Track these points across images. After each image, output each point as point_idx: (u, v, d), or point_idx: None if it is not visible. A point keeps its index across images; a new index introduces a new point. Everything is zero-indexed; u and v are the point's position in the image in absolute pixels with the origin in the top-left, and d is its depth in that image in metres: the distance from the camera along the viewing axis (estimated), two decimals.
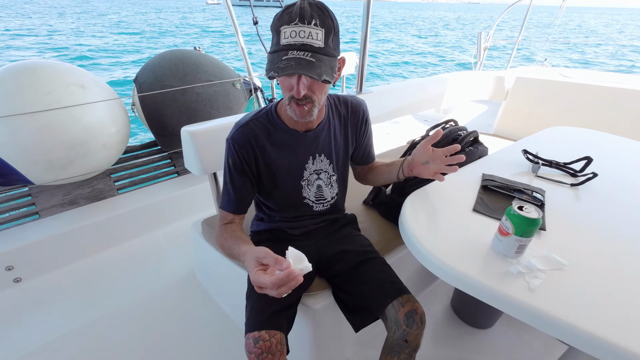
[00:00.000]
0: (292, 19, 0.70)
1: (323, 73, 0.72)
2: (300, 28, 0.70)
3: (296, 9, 0.70)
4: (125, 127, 1.73)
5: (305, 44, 0.70)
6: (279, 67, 0.71)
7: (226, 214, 0.94)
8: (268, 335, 0.79)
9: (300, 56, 0.70)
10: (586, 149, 1.07)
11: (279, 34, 0.72)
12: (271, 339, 0.79)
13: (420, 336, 0.86)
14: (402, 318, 0.84)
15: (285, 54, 0.71)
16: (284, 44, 0.71)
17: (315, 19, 0.70)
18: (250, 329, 0.81)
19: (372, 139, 1.08)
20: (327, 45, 0.73)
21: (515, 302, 0.60)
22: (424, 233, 0.75)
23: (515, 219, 0.65)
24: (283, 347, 0.81)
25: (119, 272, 1.61)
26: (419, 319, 0.85)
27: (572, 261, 0.67)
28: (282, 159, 0.92)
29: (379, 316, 0.90)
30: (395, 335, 0.85)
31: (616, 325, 0.54)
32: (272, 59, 0.74)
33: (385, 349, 0.92)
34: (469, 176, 1.01)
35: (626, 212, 0.86)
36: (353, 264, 0.97)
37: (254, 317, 0.83)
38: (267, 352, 0.78)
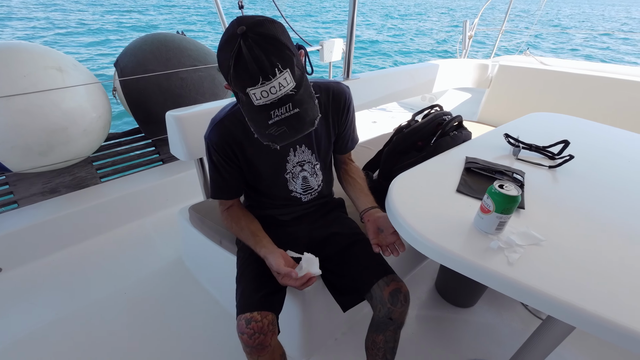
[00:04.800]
0: (255, 80, 0.64)
1: (311, 114, 0.70)
2: (268, 86, 0.64)
3: (251, 66, 0.63)
4: (106, 113, 1.68)
5: (282, 97, 0.66)
6: (273, 135, 0.68)
7: (224, 201, 0.97)
8: (260, 316, 0.80)
9: (285, 115, 0.67)
10: (564, 134, 1.11)
11: (247, 95, 0.66)
12: (263, 319, 0.80)
13: (404, 314, 0.89)
14: (387, 297, 0.86)
15: (269, 117, 0.67)
16: (260, 104, 0.66)
17: (275, 64, 0.63)
18: (242, 310, 0.82)
19: (354, 126, 1.06)
20: (296, 77, 0.67)
21: (495, 275, 0.63)
22: (410, 213, 0.78)
23: (496, 196, 0.67)
24: (274, 328, 0.83)
25: (104, 260, 1.59)
26: (403, 297, 0.87)
27: (549, 237, 0.71)
28: (262, 153, 0.91)
29: (365, 297, 0.92)
30: (381, 314, 0.88)
31: (586, 294, 0.58)
32: (256, 121, 0.69)
33: (372, 327, 0.95)
34: (453, 159, 1.04)
35: (600, 192, 0.90)
36: (342, 246, 0.99)
37: (246, 299, 0.84)
38: (260, 332, 0.79)
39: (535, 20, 4.00)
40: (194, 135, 1.20)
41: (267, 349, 0.82)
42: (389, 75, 1.95)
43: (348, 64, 1.74)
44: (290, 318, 1.04)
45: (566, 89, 2.05)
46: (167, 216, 1.85)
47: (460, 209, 0.80)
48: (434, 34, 17.99)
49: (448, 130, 1.17)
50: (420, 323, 1.34)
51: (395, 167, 1.16)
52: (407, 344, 1.25)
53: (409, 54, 12.53)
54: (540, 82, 2.13)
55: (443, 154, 1.09)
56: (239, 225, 0.94)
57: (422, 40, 15.83)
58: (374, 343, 0.95)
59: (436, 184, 0.91)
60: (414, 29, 18.94)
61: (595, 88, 1.96)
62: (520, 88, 2.21)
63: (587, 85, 1.99)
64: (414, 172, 0.97)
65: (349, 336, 1.27)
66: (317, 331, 1.19)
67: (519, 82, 2.21)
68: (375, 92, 1.90)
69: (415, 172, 0.97)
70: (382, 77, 1.90)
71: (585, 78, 1.99)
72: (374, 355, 0.97)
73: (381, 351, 0.94)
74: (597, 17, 35.36)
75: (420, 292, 1.48)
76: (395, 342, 0.95)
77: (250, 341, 0.79)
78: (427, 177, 0.95)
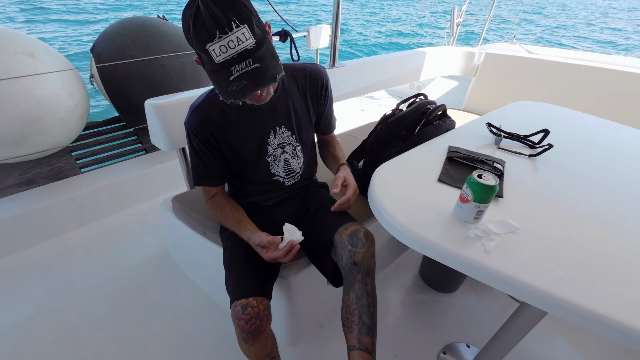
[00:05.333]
0: (212, 34, 0.66)
1: (273, 70, 0.71)
2: (226, 40, 0.66)
3: (208, 20, 0.65)
4: (84, 100, 1.62)
5: (241, 52, 0.67)
6: (234, 91, 0.70)
7: (208, 188, 0.98)
8: (256, 302, 0.81)
9: (245, 69, 0.68)
10: (546, 123, 1.12)
11: (208, 53, 0.68)
12: (259, 305, 0.81)
13: (369, 256, 0.86)
14: (346, 239, 0.86)
15: (230, 73, 0.68)
16: (221, 61, 0.68)
17: (231, 19, 0.65)
18: (237, 296, 0.82)
19: (332, 107, 1.08)
20: (256, 34, 0.69)
21: (472, 263, 0.64)
22: (391, 203, 0.78)
23: (475, 186, 0.68)
24: (269, 313, 0.84)
25: (86, 253, 1.56)
26: (363, 235, 0.87)
27: (525, 225, 0.73)
28: (242, 137, 0.92)
29: (331, 254, 0.93)
30: (344, 262, 0.86)
31: (559, 281, 0.60)
32: (218, 80, 0.71)
33: (344, 290, 0.89)
34: (436, 148, 1.05)
35: (577, 182, 0.92)
36: (312, 213, 1.02)
37: (240, 285, 0.85)
38: (256, 317, 0.80)
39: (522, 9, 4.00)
40: (175, 124, 1.17)
41: (263, 334, 0.83)
42: (376, 62, 1.93)
43: (334, 50, 1.72)
44: (277, 306, 1.04)
45: (552, 78, 2.08)
46: (151, 207, 1.82)
47: (441, 199, 0.81)
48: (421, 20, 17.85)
49: (432, 120, 1.17)
50: (404, 308, 1.37)
51: (379, 156, 1.16)
52: (392, 328, 1.29)
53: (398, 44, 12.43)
54: (526, 71, 2.15)
55: (426, 143, 1.09)
56: (224, 213, 0.94)
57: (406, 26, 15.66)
58: (347, 309, 0.84)
59: (418, 173, 0.92)
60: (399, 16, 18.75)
61: (582, 77, 1.99)
62: (506, 76, 2.22)
63: (573, 74, 2.01)
64: (397, 161, 0.98)
65: (334, 323, 1.29)
66: (303, 319, 1.21)
67: (505, 70, 2.22)
68: (362, 80, 1.88)
69: (398, 161, 0.98)
70: (368, 64, 1.88)
71: (571, 67, 2.02)
72: (349, 325, 0.83)
73: (355, 314, 0.82)
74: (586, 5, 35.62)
75: (405, 279, 1.51)
76: (369, 298, 0.83)
77: (247, 327, 0.79)
78: (409, 166, 0.96)
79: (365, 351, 0.79)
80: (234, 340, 0.87)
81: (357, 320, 0.81)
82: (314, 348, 1.20)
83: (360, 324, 0.81)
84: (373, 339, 0.81)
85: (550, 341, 1.26)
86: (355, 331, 0.81)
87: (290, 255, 0.83)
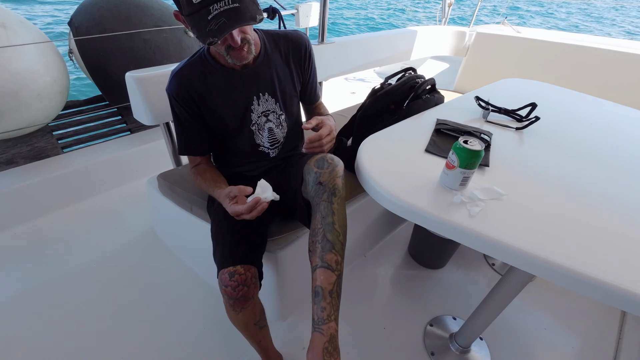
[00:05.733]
0: None
1: (252, 11, 0.70)
2: None
3: None
4: (62, 77, 1.55)
5: None
6: (213, 30, 0.68)
7: (193, 157, 0.97)
8: (243, 269, 0.80)
9: (224, 7, 0.67)
10: (533, 98, 1.13)
11: None
12: (246, 272, 0.80)
13: (334, 175, 0.80)
14: (313, 164, 0.83)
15: (208, 12, 0.67)
16: (199, 0, 0.67)
17: None
18: (224, 265, 0.81)
19: (316, 75, 1.06)
20: None
21: (457, 227, 0.64)
22: (378, 173, 0.78)
23: (460, 151, 0.68)
24: (257, 282, 0.83)
25: (71, 234, 1.53)
26: (329, 159, 0.83)
27: (510, 192, 0.73)
28: (225, 103, 0.90)
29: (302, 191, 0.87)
30: (310, 186, 0.81)
31: (541, 243, 0.60)
32: (195, 22, 0.69)
33: (312, 216, 0.81)
34: (424, 121, 1.04)
35: (561, 154, 0.93)
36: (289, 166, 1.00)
37: (227, 254, 0.83)
38: (243, 284, 0.79)
39: None
40: (158, 97, 1.13)
41: (250, 301, 0.82)
42: (366, 40, 1.89)
43: (322, 27, 1.68)
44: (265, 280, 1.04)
45: (542, 58, 2.08)
46: (136, 187, 1.78)
47: (428, 168, 0.81)
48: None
49: (420, 94, 1.16)
50: (393, 284, 1.39)
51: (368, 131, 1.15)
52: (381, 303, 1.31)
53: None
54: (517, 51, 2.14)
55: (415, 116, 1.08)
56: (204, 177, 0.93)
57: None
58: (312, 233, 0.77)
59: (406, 145, 0.91)
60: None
61: (571, 57, 2.00)
62: (496, 56, 2.22)
63: (563, 54, 2.02)
64: (384, 133, 0.97)
65: None
66: (292, 294, 1.21)
67: (495, 50, 2.21)
68: (351, 58, 1.85)
69: (385, 133, 0.97)
70: (358, 42, 1.84)
71: (561, 47, 2.02)
72: (313, 247, 0.75)
73: (319, 233, 0.74)
74: None
75: (394, 256, 1.52)
76: (334, 216, 0.75)
77: (234, 293, 0.78)
78: (397, 138, 0.95)
79: (328, 268, 0.69)
80: (224, 317, 0.87)
81: (321, 239, 0.73)
82: (303, 322, 1.21)
83: (324, 242, 0.72)
84: (337, 257, 0.71)
85: (533, 312, 1.29)
86: (319, 249, 0.72)
87: (255, 212, 0.76)
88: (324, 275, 0.70)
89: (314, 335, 0.66)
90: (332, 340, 0.65)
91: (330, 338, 0.65)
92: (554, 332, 1.23)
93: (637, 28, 13.97)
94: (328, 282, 0.69)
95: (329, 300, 0.67)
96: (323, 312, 0.66)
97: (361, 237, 1.42)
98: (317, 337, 0.65)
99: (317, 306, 0.67)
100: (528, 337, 1.21)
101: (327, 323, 0.65)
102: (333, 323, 0.66)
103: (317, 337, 0.65)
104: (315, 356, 0.63)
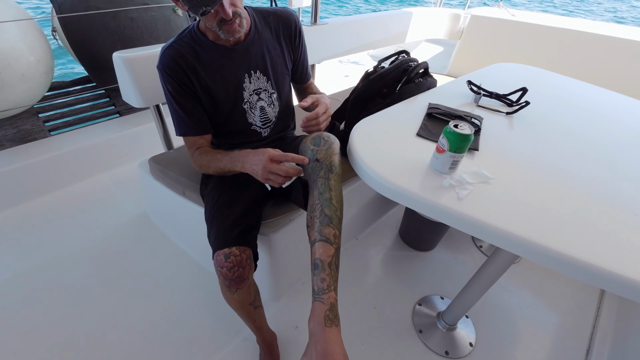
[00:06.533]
0: None
1: None
2: None
3: None
4: (47, 56, 1.50)
5: None
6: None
7: (193, 139, 0.93)
8: (238, 250, 0.81)
9: None
10: (524, 83, 1.13)
11: None
12: (241, 254, 0.81)
13: (331, 153, 0.81)
14: (309, 142, 0.84)
15: None
16: None
17: None
18: (219, 246, 0.82)
19: (307, 54, 1.05)
20: None
21: (445, 210, 0.66)
22: (370, 156, 0.78)
23: (450, 135, 0.69)
24: (252, 263, 0.85)
25: (61, 217, 1.52)
26: (326, 136, 0.84)
27: (498, 176, 0.75)
28: (217, 80, 0.89)
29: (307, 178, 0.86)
30: (307, 162, 0.81)
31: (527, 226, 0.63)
32: None
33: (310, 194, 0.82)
34: (416, 106, 1.04)
35: (549, 138, 0.95)
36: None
37: (222, 236, 0.84)
38: (239, 265, 0.80)
39: None
40: (148, 78, 1.11)
41: (245, 282, 0.83)
42: (360, 21, 1.86)
43: (315, 7, 1.64)
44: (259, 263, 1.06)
45: (537, 42, 2.07)
46: (127, 171, 1.77)
47: (419, 152, 0.82)
48: None
49: (413, 77, 1.16)
50: (384, 266, 1.43)
51: (360, 115, 1.15)
52: (371, 284, 1.34)
53: None
54: (511, 34, 2.13)
55: (407, 100, 1.09)
56: (213, 155, 0.89)
57: None
58: (310, 209, 0.78)
59: (398, 129, 0.92)
60: None
61: (566, 41, 2.00)
62: (491, 40, 2.20)
63: (557, 39, 2.01)
64: (376, 117, 0.97)
65: None
66: (285, 275, 1.24)
67: (490, 33, 2.20)
68: (345, 40, 1.82)
69: (377, 117, 0.97)
70: (352, 23, 1.81)
71: (556, 31, 2.01)
72: (312, 222, 0.76)
73: (317, 209, 0.75)
74: None
75: (385, 239, 1.56)
76: (332, 192, 0.76)
77: (229, 274, 0.80)
78: (389, 122, 0.96)
79: (326, 241, 0.71)
80: (218, 299, 0.88)
81: (319, 214, 0.74)
82: (296, 303, 1.24)
83: (322, 217, 0.73)
84: (335, 230, 0.73)
85: (517, 291, 1.35)
86: (317, 224, 0.73)
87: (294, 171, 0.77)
88: (323, 248, 0.71)
89: (315, 304, 0.67)
90: (333, 309, 0.66)
91: (330, 306, 0.66)
92: (536, 310, 1.29)
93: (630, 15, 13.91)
94: (327, 254, 0.70)
95: (328, 272, 0.69)
96: (323, 282, 0.67)
97: (353, 220, 1.44)
98: (318, 306, 0.66)
99: (316, 277, 0.68)
100: (511, 314, 1.27)
101: (327, 293, 0.67)
102: (333, 292, 0.68)
103: (318, 306, 0.66)
104: (317, 324, 0.64)
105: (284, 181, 0.78)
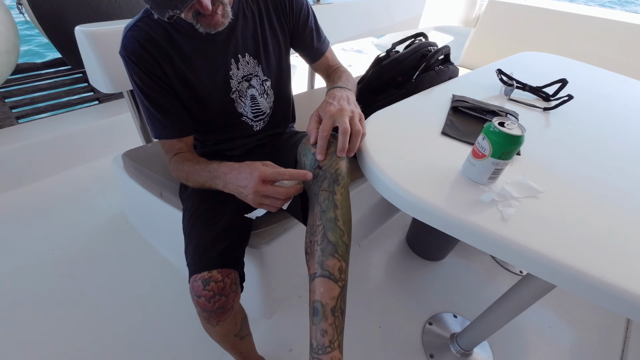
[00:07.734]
0: None
1: None
2: None
3: None
4: (10, 33, 1.31)
5: None
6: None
7: (170, 142, 0.75)
8: (221, 275, 0.64)
9: None
10: (557, 75, 0.97)
11: None
12: (225, 279, 0.64)
13: (337, 160, 0.63)
14: (310, 145, 0.67)
15: None
16: None
17: None
18: (197, 269, 0.65)
19: (314, 24, 0.85)
20: None
21: (487, 234, 0.50)
22: (383, 159, 0.62)
23: (496, 136, 0.53)
24: (237, 288, 0.68)
25: (27, 217, 1.34)
26: (331, 137, 0.66)
27: (546, 188, 0.59)
28: (197, 68, 0.71)
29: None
30: (307, 169, 0.65)
31: (593, 257, 0.47)
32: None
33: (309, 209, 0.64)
34: (438, 97, 0.88)
35: (598, 141, 0.80)
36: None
37: (201, 255, 0.67)
38: (221, 293, 0.64)
39: None
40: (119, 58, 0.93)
41: (229, 312, 0.67)
42: (370, 3, 1.67)
43: None
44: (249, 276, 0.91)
45: (560, 31, 1.89)
46: (106, 165, 1.59)
47: (445, 155, 0.66)
48: None
49: (433, 64, 0.99)
50: (389, 277, 1.28)
51: (369, 107, 0.99)
52: (375, 297, 1.20)
53: None
54: (531, 22, 1.95)
55: (425, 91, 0.92)
56: (190, 165, 0.72)
57: None
58: (310, 231, 0.60)
59: (417, 125, 0.76)
60: None
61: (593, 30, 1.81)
62: (508, 28, 2.02)
63: (584, 27, 1.83)
64: (391, 110, 0.81)
65: None
66: (278, 290, 1.09)
67: (508, 21, 2.01)
68: (351, 23, 1.63)
69: (392, 111, 0.81)
70: (360, 4, 1.62)
71: (583, 19, 1.82)
72: (311, 249, 0.58)
73: (319, 232, 0.58)
74: None
75: (390, 245, 1.41)
76: (336, 210, 0.58)
77: (209, 305, 0.63)
78: (406, 116, 0.79)
79: (329, 278, 0.53)
80: None
81: (321, 239, 0.56)
82: (291, 319, 1.10)
83: (324, 243, 0.56)
84: (342, 263, 0.55)
85: (537, 309, 1.20)
86: (317, 253, 0.56)
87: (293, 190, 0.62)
88: (325, 286, 0.53)
89: None
90: None
91: None
92: (559, 330, 1.15)
93: None
94: (330, 296, 0.52)
95: (331, 321, 0.51)
96: (324, 336, 0.50)
97: (356, 226, 1.28)
98: None
99: (316, 327, 0.51)
100: (532, 336, 1.13)
101: (329, 352, 0.49)
102: (337, 352, 0.50)
103: None
104: None
105: (283, 204, 0.62)
